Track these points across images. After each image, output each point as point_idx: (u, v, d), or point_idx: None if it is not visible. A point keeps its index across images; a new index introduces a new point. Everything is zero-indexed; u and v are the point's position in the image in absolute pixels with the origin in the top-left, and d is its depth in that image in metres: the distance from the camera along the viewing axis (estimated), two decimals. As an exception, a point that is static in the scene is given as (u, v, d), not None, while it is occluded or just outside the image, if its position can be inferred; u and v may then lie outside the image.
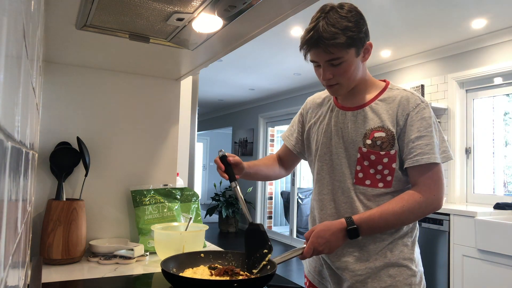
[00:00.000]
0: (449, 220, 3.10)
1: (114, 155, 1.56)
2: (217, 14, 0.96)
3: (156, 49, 1.29)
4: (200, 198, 1.66)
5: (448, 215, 3.10)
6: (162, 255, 1.29)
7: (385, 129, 1.14)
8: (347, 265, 1.17)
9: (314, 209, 1.28)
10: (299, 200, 6.64)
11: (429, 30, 3.44)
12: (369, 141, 1.15)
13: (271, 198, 7.36)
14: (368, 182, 1.16)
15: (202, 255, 1.15)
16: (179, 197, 1.60)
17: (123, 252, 1.35)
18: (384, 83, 1.23)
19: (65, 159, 1.41)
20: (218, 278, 1.02)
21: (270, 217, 7.32)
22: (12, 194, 0.40)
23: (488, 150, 3.62)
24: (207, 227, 1.42)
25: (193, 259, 1.14)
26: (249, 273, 1.09)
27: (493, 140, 3.59)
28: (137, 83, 1.63)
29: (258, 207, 7.40)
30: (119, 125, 1.58)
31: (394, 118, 1.14)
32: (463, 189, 3.74)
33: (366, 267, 1.15)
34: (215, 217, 8.20)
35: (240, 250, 1.18)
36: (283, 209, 7.33)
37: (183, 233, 1.34)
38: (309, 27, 1.11)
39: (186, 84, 2.23)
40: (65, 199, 1.37)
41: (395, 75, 4.45)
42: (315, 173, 1.28)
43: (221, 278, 1.01)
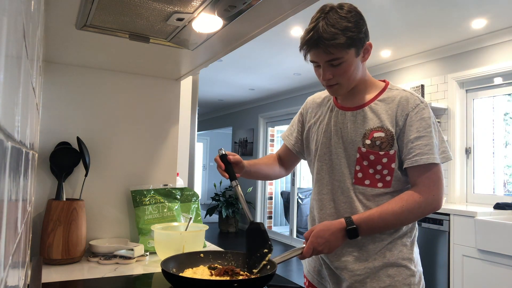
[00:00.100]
0: (449, 220, 3.10)
1: (114, 155, 1.56)
2: (217, 14, 0.96)
3: (156, 49, 1.29)
4: (200, 198, 1.66)
5: (448, 215, 3.10)
6: (162, 255, 1.29)
7: (384, 129, 1.14)
8: (346, 264, 1.17)
9: (314, 209, 1.28)
10: (299, 200, 6.64)
11: (429, 30, 3.44)
12: (368, 141, 1.15)
13: (271, 198, 7.36)
14: (367, 182, 1.16)
15: (202, 255, 1.15)
16: (179, 197, 1.60)
17: (123, 252, 1.35)
18: (384, 83, 1.23)
19: (65, 159, 1.41)
20: (218, 278, 1.02)
21: (270, 217, 7.32)
22: (12, 194, 0.40)
23: (488, 150, 3.62)
24: (207, 227, 1.42)
25: (193, 259, 1.14)
26: (249, 273, 1.09)
27: (493, 140, 3.59)
28: (137, 83, 1.63)
29: (258, 207, 7.40)
30: (119, 125, 1.58)
31: (394, 118, 1.15)
32: (463, 189, 3.74)
33: (365, 267, 1.15)
34: (215, 217, 8.20)
35: (240, 250, 1.18)
36: (283, 209, 7.33)
37: (183, 233, 1.34)
38: (309, 27, 1.11)
39: (186, 84, 2.23)
40: (65, 199, 1.37)
41: (395, 75, 4.45)
42: (315, 173, 1.28)
43: (221, 278, 1.01)
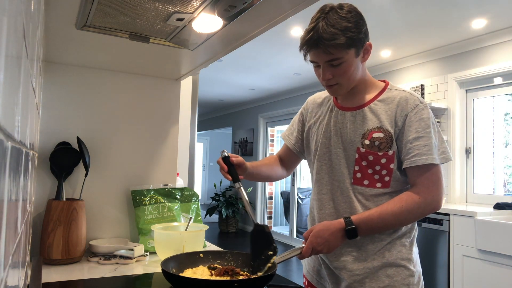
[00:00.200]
0: (449, 220, 3.10)
1: (114, 155, 1.56)
2: (217, 14, 0.96)
3: (156, 49, 1.29)
4: (200, 198, 1.66)
5: (448, 215, 3.10)
6: (162, 255, 1.29)
7: (383, 130, 1.15)
8: (345, 264, 1.17)
9: (314, 209, 1.29)
10: (299, 200, 6.64)
11: (429, 30, 3.44)
12: (367, 142, 1.15)
13: (271, 198, 7.36)
14: (366, 182, 1.17)
15: (202, 255, 1.15)
16: (179, 197, 1.60)
17: (123, 252, 1.35)
18: (384, 83, 1.23)
19: (65, 159, 1.41)
20: (218, 278, 1.02)
21: (270, 217, 7.32)
22: (12, 194, 0.40)
23: (488, 150, 3.62)
24: (207, 227, 1.42)
25: (193, 259, 1.14)
26: (253, 274, 1.09)
27: (493, 140, 3.59)
28: (137, 83, 1.63)
29: (258, 207, 7.40)
30: (119, 125, 1.58)
31: (393, 119, 1.15)
32: (463, 189, 3.74)
33: (364, 267, 1.15)
34: (215, 217, 8.20)
35: (240, 250, 1.19)
36: (283, 209, 7.33)
37: (183, 233, 1.34)
38: (308, 27, 1.11)
39: (186, 84, 2.23)
40: (65, 199, 1.37)
41: (395, 75, 4.45)
42: (314, 173, 1.29)
43: (221, 278, 1.01)
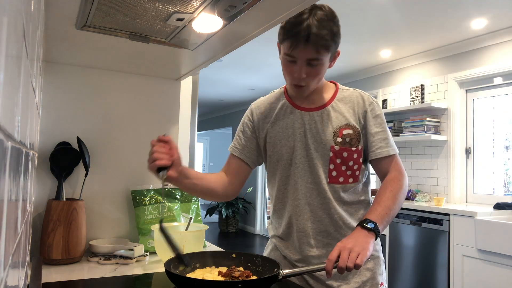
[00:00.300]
0: (449, 220, 3.10)
1: (114, 155, 1.56)
2: (217, 14, 0.96)
3: (156, 49, 1.29)
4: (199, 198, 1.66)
5: (448, 215, 3.10)
6: (162, 255, 1.29)
7: (351, 126, 1.20)
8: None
9: (292, 217, 1.23)
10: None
11: (429, 30, 3.44)
12: (339, 139, 1.19)
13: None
14: (341, 179, 1.20)
15: (234, 255, 1.13)
16: (179, 197, 1.60)
17: (123, 252, 1.35)
18: (333, 84, 1.29)
19: (65, 159, 1.41)
20: (221, 278, 1.01)
21: (269, 217, 7.32)
22: (12, 194, 0.40)
23: (488, 150, 3.62)
24: (207, 227, 1.42)
25: (223, 258, 1.12)
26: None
27: (493, 140, 3.59)
28: (137, 83, 1.63)
29: (258, 207, 7.40)
30: (119, 125, 1.58)
31: (356, 116, 1.21)
32: (463, 189, 3.74)
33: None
34: (215, 217, 8.20)
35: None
36: (283, 209, 7.32)
37: (183, 233, 1.34)
38: (296, 20, 1.08)
39: (186, 84, 2.23)
40: (65, 199, 1.37)
41: (395, 75, 4.45)
42: (283, 179, 1.24)
43: (223, 279, 1.01)
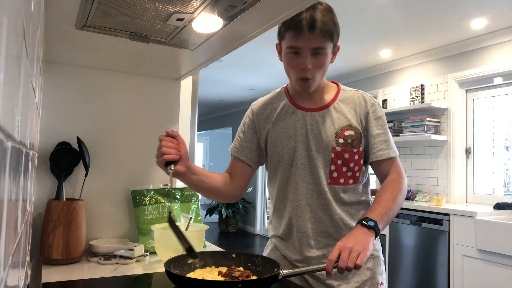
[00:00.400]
0: (449, 220, 3.10)
1: (114, 155, 1.56)
2: (217, 14, 0.96)
3: (156, 49, 1.29)
4: (200, 198, 1.66)
5: (448, 215, 3.10)
6: (162, 255, 1.29)
7: (353, 127, 1.19)
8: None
9: (292, 217, 1.23)
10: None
11: (429, 30, 3.44)
12: (341, 140, 1.18)
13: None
14: (342, 180, 1.20)
15: (234, 255, 1.13)
16: (179, 197, 1.60)
17: (123, 252, 1.35)
18: (335, 84, 1.28)
19: (65, 159, 1.41)
20: (221, 278, 1.01)
21: (269, 217, 7.32)
22: (12, 194, 0.40)
23: (488, 150, 3.62)
24: (207, 227, 1.42)
25: (223, 258, 1.12)
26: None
27: (493, 140, 3.59)
28: (137, 83, 1.63)
29: (258, 207, 7.40)
30: (119, 125, 1.58)
31: (358, 117, 1.21)
32: (463, 189, 3.74)
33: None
34: (215, 217, 8.20)
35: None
36: (283, 209, 7.32)
37: (183, 233, 1.34)
38: (297, 14, 1.05)
39: (186, 84, 2.23)
40: (65, 199, 1.37)
41: (395, 75, 4.45)
42: (285, 179, 1.24)
43: (223, 279, 1.01)
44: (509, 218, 2.99)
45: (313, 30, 1.08)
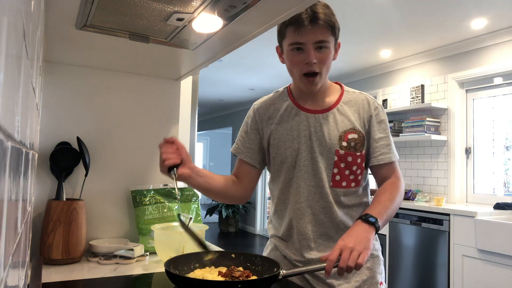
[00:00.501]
0: (449, 220, 3.10)
1: (114, 155, 1.56)
2: (217, 14, 0.96)
3: (156, 49, 1.29)
4: (200, 198, 1.66)
5: (448, 215, 3.10)
6: (162, 255, 1.29)
7: (356, 130, 1.19)
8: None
9: (292, 219, 1.23)
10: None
11: (429, 30, 3.44)
12: (344, 143, 1.18)
13: (270, 199, 7.35)
14: (344, 183, 1.19)
15: (233, 255, 1.12)
16: (179, 197, 1.60)
17: (123, 252, 1.35)
18: (339, 86, 1.26)
19: (65, 159, 1.41)
20: (221, 278, 1.01)
21: (269, 217, 7.32)
22: (12, 194, 0.40)
23: (488, 150, 3.62)
24: (207, 227, 1.42)
25: (223, 258, 1.12)
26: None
27: (493, 140, 3.59)
28: (137, 83, 1.63)
29: (258, 207, 7.40)
30: (119, 125, 1.58)
31: (361, 120, 1.20)
32: (463, 189, 3.74)
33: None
34: (215, 217, 8.20)
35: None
36: (283, 209, 7.32)
37: (183, 233, 1.34)
38: (298, 12, 1.05)
39: (186, 84, 2.23)
40: (65, 199, 1.37)
41: (395, 75, 4.45)
42: (287, 181, 1.23)
43: (223, 279, 1.01)
44: (509, 218, 2.99)
45: (314, 22, 1.08)
